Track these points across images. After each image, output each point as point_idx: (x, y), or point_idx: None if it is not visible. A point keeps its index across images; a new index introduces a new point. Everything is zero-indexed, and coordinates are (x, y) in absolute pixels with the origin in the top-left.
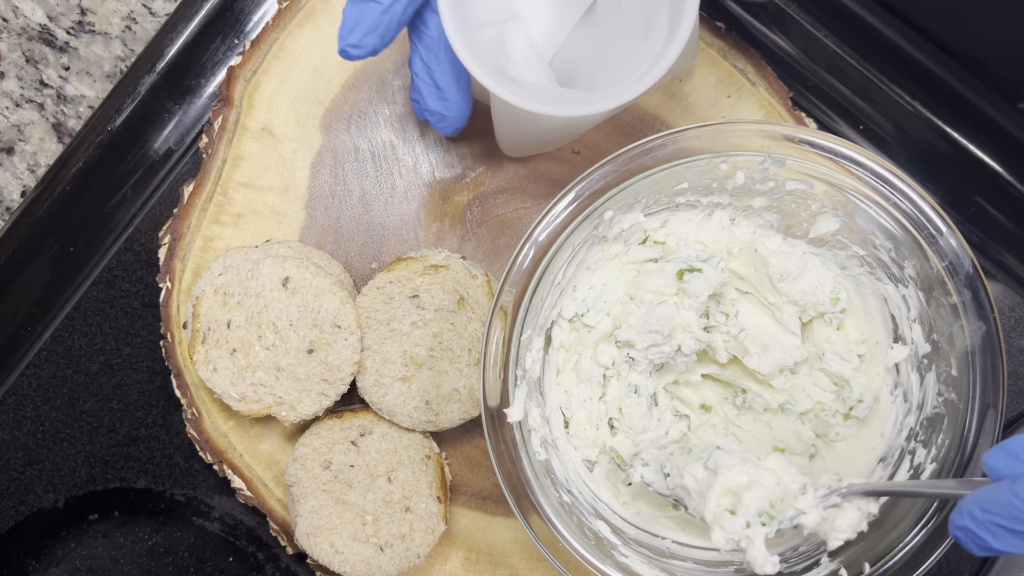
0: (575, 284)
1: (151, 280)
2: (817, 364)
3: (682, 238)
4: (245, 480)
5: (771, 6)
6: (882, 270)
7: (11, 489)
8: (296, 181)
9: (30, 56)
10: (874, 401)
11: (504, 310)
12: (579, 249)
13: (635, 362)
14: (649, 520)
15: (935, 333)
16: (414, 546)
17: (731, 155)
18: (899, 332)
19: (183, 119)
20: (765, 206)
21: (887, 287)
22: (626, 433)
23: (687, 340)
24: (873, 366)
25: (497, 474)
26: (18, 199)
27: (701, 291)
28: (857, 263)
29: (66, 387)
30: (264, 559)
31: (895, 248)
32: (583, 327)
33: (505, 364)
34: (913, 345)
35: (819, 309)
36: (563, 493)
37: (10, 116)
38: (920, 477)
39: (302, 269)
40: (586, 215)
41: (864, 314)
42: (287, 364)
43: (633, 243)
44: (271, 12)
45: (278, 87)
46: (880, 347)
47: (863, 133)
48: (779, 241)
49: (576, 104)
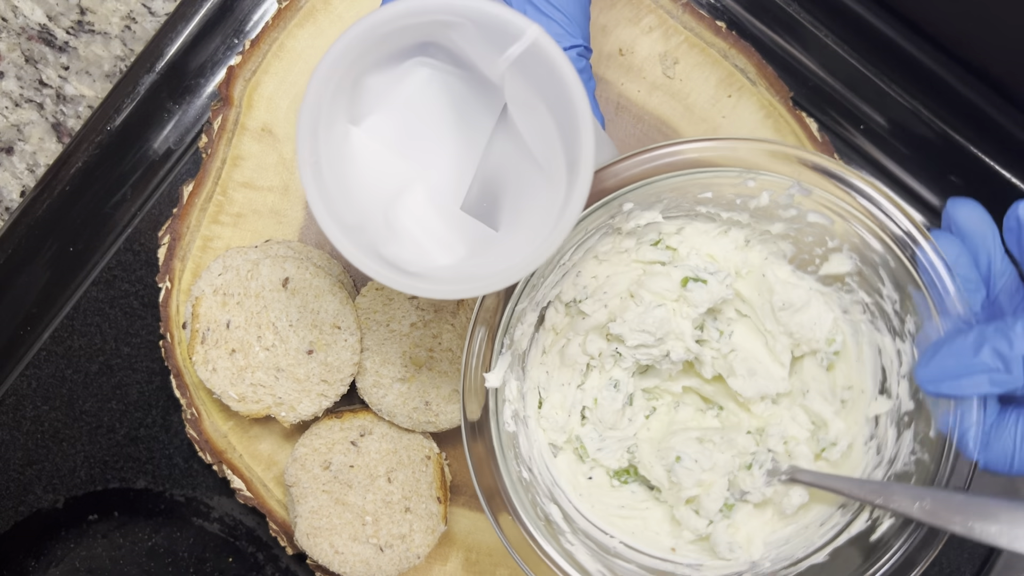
0: (579, 270)
1: (150, 280)
2: (799, 399)
3: (694, 248)
4: (245, 480)
5: (772, 6)
6: (883, 320)
7: (11, 489)
8: (296, 181)
9: (29, 56)
10: (848, 447)
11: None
12: (591, 235)
13: (621, 358)
14: (602, 516)
15: (921, 393)
16: (414, 546)
17: (761, 174)
18: (886, 385)
19: (183, 119)
20: (782, 234)
21: (884, 339)
22: (595, 426)
23: (677, 347)
24: (854, 413)
25: (463, 426)
26: (17, 199)
27: (702, 302)
28: (860, 309)
29: (65, 387)
30: (264, 559)
31: (901, 302)
32: (578, 313)
33: (495, 328)
34: (897, 400)
35: (813, 346)
36: (523, 469)
37: (9, 116)
38: (876, 530)
39: (302, 269)
40: (607, 201)
41: (856, 361)
42: (287, 365)
43: (646, 242)
44: (271, 12)
45: (278, 87)
46: (864, 396)
47: (863, 133)
48: (788, 272)
49: (479, 281)
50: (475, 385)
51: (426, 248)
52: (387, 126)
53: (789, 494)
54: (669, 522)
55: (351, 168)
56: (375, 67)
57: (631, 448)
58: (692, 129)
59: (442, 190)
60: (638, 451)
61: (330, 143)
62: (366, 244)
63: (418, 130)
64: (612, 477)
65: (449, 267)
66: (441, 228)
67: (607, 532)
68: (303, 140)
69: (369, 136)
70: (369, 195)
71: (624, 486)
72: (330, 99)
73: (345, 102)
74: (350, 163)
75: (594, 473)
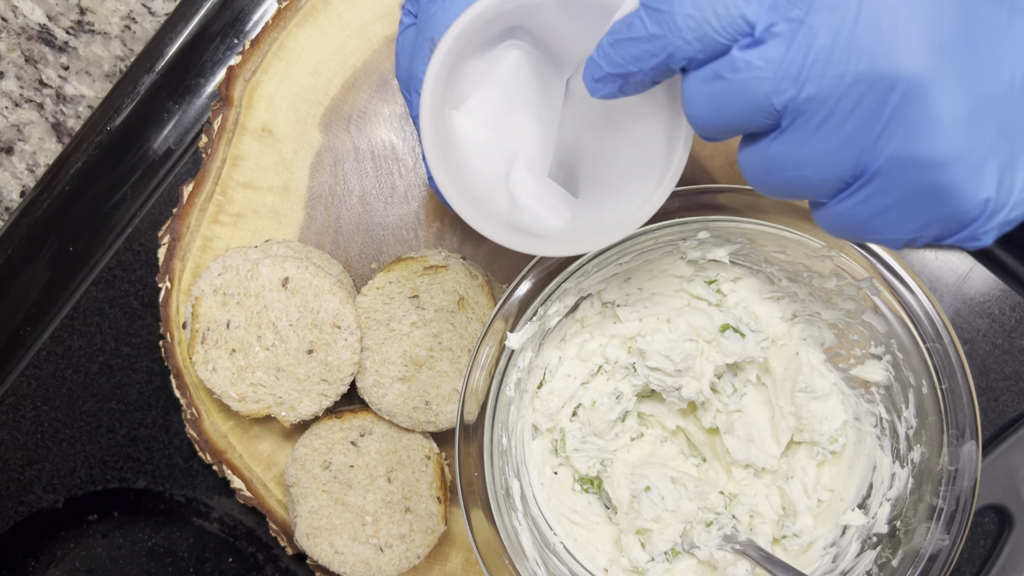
0: (630, 276)
1: (150, 280)
2: (780, 482)
3: (743, 301)
4: (245, 480)
5: None
6: (891, 440)
7: (11, 489)
8: (296, 181)
9: (29, 56)
10: (808, 544)
11: None
12: (656, 248)
13: (634, 374)
14: (554, 512)
15: (899, 521)
16: (414, 546)
17: (841, 255)
18: (868, 501)
19: (183, 119)
20: (831, 322)
21: (884, 458)
22: (582, 427)
23: (691, 386)
24: (826, 515)
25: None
26: (17, 199)
27: (732, 354)
28: (873, 422)
29: (66, 387)
30: (264, 559)
31: (917, 429)
32: (612, 316)
33: (534, 295)
34: (872, 520)
35: (815, 438)
36: (504, 435)
37: (9, 116)
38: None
39: (302, 269)
40: (686, 221)
41: (848, 467)
42: (287, 364)
43: (701, 277)
44: (271, 12)
45: (278, 87)
46: (843, 504)
47: None
48: (821, 360)
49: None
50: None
51: (540, 214)
52: (485, 107)
53: (735, 564)
54: (612, 544)
55: (460, 148)
56: (472, 53)
57: (605, 461)
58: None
59: (534, 163)
60: (611, 467)
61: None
62: (494, 215)
63: (511, 108)
64: (576, 481)
65: (563, 228)
66: (547, 194)
67: (553, 529)
68: (426, 125)
69: (469, 118)
70: (484, 170)
71: (584, 494)
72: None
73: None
74: (459, 144)
75: (561, 470)
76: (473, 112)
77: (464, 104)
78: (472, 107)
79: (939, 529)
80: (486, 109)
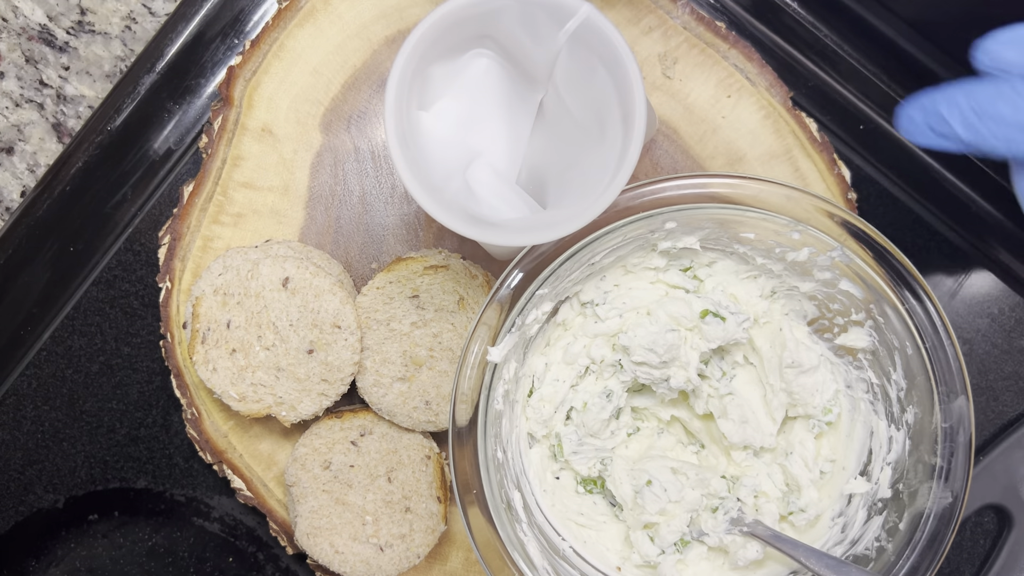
0: (605, 274)
1: (151, 280)
2: (781, 459)
3: (720, 284)
4: (245, 480)
5: (772, 6)
6: (884, 404)
7: (11, 489)
8: (296, 181)
9: (30, 56)
10: (815, 518)
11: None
12: (626, 244)
13: (621, 370)
14: (559, 518)
15: (902, 484)
16: (414, 546)
17: (808, 229)
18: (869, 467)
19: (183, 119)
20: (810, 293)
21: (880, 422)
22: (577, 429)
23: (679, 375)
24: (830, 486)
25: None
26: (18, 199)
27: (715, 338)
28: (864, 388)
29: (66, 387)
30: (264, 559)
31: (907, 390)
32: (592, 316)
33: (511, 305)
34: (876, 486)
35: (808, 411)
36: (499, 449)
37: (10, 116)
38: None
39: (302, 269)
40: (653, 214)
41: (846, 436)
42: (287, 364)
43: (676, 266)
44: (271, 12)
45: (278, 87)
46: (845, 473)
47: (863, 133)
48: (805, 333)
49: (551, 228)
50: (475, 364)
51: (497, 207)
52: (452, 110)
53: (745, 547)
54: (622, 541)
55: (424, 143)
56: (439, 58)
57: (605, 460)
58: (692, 129)
59: (500, 166)
60: (611, 465)
61: (406, 125)
62: (448, 202)
63: (477, 113)
64: (579, 483)
65: (520, 219)
66: (508, 193)
67: (560, 534)
68: (391, 119)
69: (436, 119)
70: (445, 165)
71: (588, 495)
72: (407, 86)
73: (415, 91)
74: (424, 141)
75: (563, 475)
76: (440, 113)
77: (432, 106)
78: (440, 109)
79: (941, 487)
80: (453, 111)
